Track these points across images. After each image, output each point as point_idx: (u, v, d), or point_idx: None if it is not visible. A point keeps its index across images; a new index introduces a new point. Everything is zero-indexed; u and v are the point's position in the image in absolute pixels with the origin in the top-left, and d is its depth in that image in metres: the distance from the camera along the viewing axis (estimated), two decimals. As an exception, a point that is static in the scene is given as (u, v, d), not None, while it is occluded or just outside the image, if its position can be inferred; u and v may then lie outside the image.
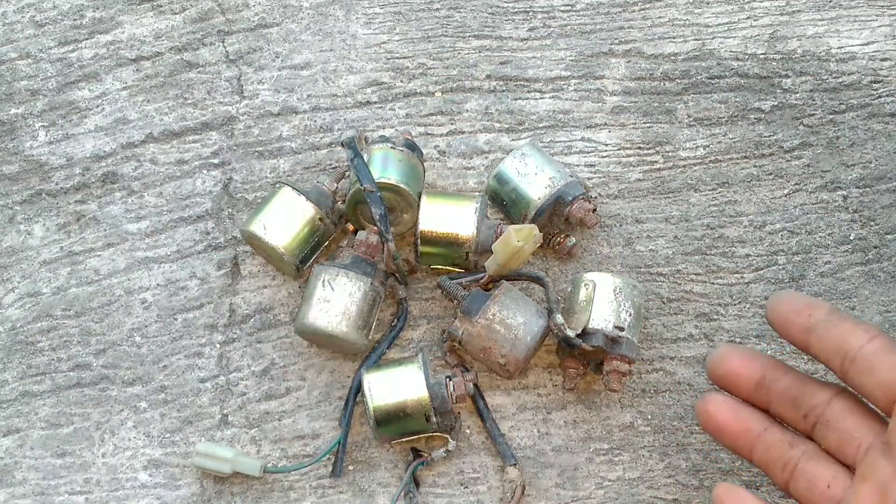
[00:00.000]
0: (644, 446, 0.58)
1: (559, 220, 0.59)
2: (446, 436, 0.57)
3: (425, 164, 0.60)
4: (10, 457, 0.59)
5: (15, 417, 0.60)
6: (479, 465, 0.58)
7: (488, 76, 0.64)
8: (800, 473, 0.47)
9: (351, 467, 0.58)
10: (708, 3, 0.65)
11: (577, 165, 0.62)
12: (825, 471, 0.46)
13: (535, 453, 0.58)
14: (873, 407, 0.46)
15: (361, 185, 0.55)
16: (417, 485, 0.57)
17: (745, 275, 0.60)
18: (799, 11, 0.64)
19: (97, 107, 0.64)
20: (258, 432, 0.59)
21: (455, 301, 0.57)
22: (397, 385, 0.55)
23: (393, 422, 0.55)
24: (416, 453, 0.57)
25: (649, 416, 0.59)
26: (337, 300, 0.55)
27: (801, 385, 0.48)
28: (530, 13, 0.64)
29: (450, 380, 0.55)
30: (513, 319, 0.55)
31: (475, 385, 0.57)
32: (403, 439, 0.57)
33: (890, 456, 0.43)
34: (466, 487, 0.58)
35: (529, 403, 0.59)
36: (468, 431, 0.58)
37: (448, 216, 0.57)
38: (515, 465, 0.57)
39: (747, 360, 0.49)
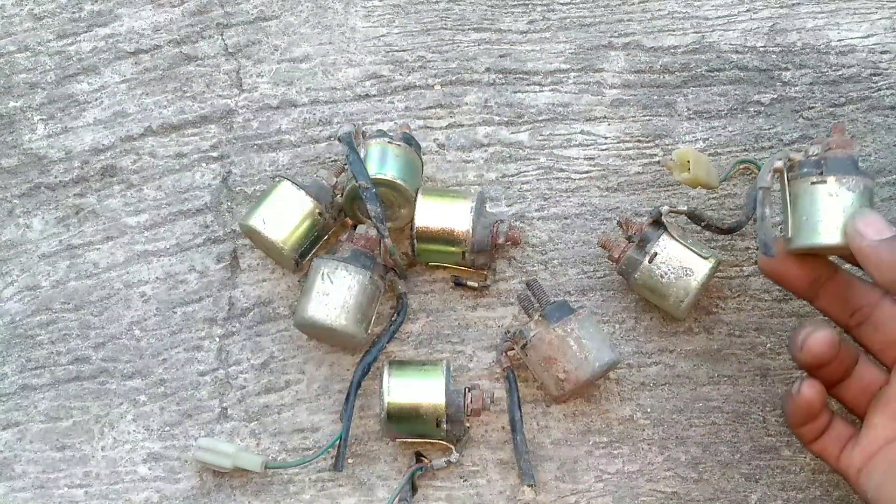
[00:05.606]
0: (643, 439, 0.58)
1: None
2: (451, 446, 0.57)
3: (424, 157, 0.60)
4: (9, 450, 0.59)
5: (14, 411, 0.60)
6: (478, 458, 0.58)
7: (487, 69, 0.63)
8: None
9: (350, 460, 0.58)
10: (708, -4, 0.65)
11: (577, 158, 0.62)
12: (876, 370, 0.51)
13: (535, 446, 0.58)
14: None
15: (356, 182, 0.55)
16: (414, 490, 0.57)
17: (744, 268, 0.60)
18: (798, 4, 0.64)
19: (96, 100, 0.64)
20: (257, 425, 0.59)
21: (538, 304, 0.56)
22: (417, 385, 0.55)
23: (404, 420, 0.55)
24: (418, 458, 0.57)
25: (649, 409, 0.59)
26: (336, 293, 0.55)
27: (850, 287, 0.51)
28: (529, 6, 0.64)
29: (469, 391, 0.55)
30: (588, 341, 0.54)
31: (517, 394, 0.57)
32: (409, 439, 0.57)
33: None
34: (466, 480, 0.58)
35: (529, 396, 0.59)
36: (468, 424, 0.58)
37: (443, 214, 0.57)
38: (533, 486, 0.57)
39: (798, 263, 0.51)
